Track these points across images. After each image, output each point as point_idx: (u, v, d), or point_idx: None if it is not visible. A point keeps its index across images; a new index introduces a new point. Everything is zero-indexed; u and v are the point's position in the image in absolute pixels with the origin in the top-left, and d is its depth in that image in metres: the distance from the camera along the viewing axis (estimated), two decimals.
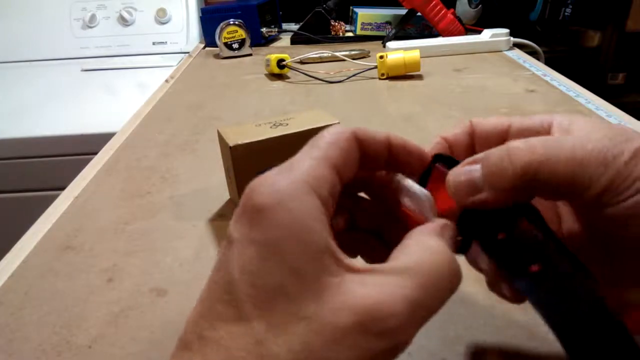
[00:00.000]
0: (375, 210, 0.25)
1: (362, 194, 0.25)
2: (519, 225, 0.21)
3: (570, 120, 0.22)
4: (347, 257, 0.18)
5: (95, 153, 0.58)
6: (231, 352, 0.16)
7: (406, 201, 0.23)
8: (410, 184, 0.22)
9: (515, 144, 0.20)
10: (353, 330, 0.16)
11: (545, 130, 0.23)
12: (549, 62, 0.92)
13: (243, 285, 0.16)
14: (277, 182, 0.18)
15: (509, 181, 0.20)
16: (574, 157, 0.19)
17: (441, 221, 0.21)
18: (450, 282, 0.18)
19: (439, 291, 0.18)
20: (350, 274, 0.17)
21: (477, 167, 0.21)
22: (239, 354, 0.16)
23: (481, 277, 0.34)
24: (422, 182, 0.23)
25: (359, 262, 0.19)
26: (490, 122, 0.25)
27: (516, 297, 0.23)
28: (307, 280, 0.16)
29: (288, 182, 0.18)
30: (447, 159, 0.23)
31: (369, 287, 0.17)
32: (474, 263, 0.24)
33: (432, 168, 0.23)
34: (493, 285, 0.24)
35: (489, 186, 0.20)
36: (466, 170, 0.21)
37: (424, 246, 0.19)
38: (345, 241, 0.23)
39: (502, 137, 0.24)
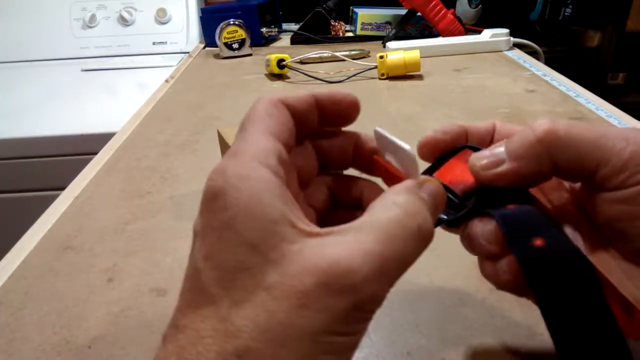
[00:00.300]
0: (356, 185, 0.25)
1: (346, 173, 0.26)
2: (530, 201, 0.22)
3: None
4: (309, 224, 0.18)
5: (95, 153, 0.58)
6: (200, 333, 0.16)
7: (387, 156, 0.23)
8: (394, 138, 0.21)
9: (538, 122, 0.21)
10: (316, 291, 0.16)
11: None
12: (549, 62, 0.92)
13: (207, 270, 0.17)
14: (225, 167, 0.18)
15: (531, 146, 0.21)
16: (596, 129, 0.20)
17: (421, 178, 0.20)
18: (418, 235, 0.18)
19: (403, 243, 0.17)
20: (310, 238, 0.17)
21: (501, 147, 0.22)
22: (206, 333, 0.16)
23: (481, 277, 0.34)
24: (439, 164, 0.24)
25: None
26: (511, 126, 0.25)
27: (511, 275, 0.21)
28: (264, 252, 0.16)
29: (235, 163, 0.18)
30: (473, 147, 0.23)
31: (327, 247, 0.16)
32: (468, 239, 0.23)
33: (454, 153, 0.24)
34: (488, 265, 0.23)
35: (511, 156, 0.21)
36: (490, 149, 0.22)
37: (388, 202, 0.18)
38: (331, 218, 0.24)
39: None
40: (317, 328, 0.16)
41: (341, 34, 1.11)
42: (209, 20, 1.04)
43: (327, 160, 0.24)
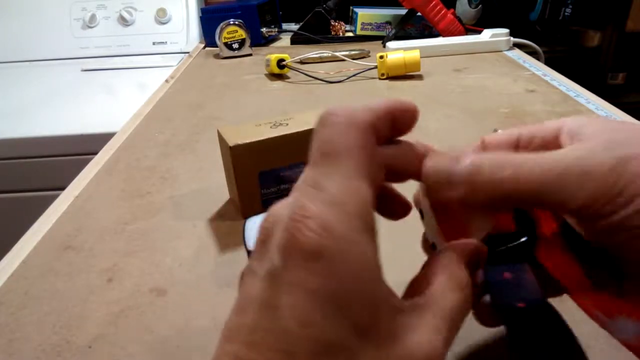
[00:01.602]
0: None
1: None
2: (523, 269, 0.22)
3: (579, 124, 0.20)
4: (394, 296, 0.17)
5: (95, 153, 0.58)
6: None
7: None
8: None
9: (489, 161, 0.19)
10: None
11: (555, 139, 0.21)
12: (549, 62, 0.92)
13: (304, 340, 0.15)
14: (329, 222, 0.15)
15: (482, 195, 0.19)
16: (550, 171, 0.18)
17: (468, 244, 0.20)
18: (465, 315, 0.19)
19: (459, 324, 0.18)
20: (399, 316, 0.17)
21: (467, 161, 0.19)
22: None
23: None
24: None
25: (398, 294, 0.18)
26: (500, 137, 0.23)
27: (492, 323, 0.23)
28: (369, 334, 0.15)
29: (340, 220, 0.15)
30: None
31: (418, 334, 0.17)
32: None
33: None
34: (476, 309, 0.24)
35: (466, 187, 0.19)
36: (450, 161, 0.20)
37: (453, 283, 0.19)
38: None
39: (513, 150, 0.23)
40: None
41: (341, 34, 1.11)
42: (209, 20, 1.05)
43: (394, 171, 0.21)
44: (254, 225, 0.28)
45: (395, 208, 0.23)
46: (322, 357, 0.15)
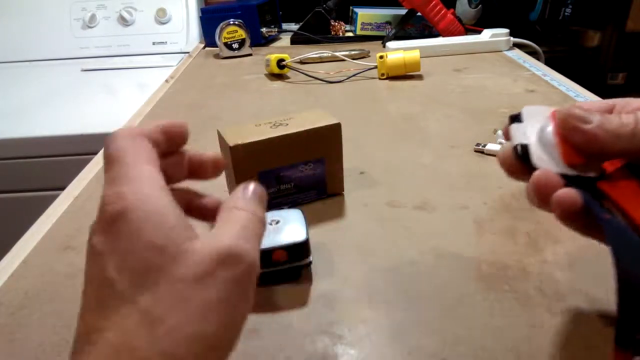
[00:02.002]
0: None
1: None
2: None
3: None
4: (193, 229, 0.22)
5: (95, 153, 0.58)
6: (126, 328, 0.19)
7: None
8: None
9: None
10: (216, 268, 0.20)
11: None
12: (549, 62, 0.92)
13: (121, 278, 0.20)
14: (123, 192, 0.21)
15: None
16: None
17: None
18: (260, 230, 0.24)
19: (258, 234, 0.23)
20: (199, 236, 0.21)
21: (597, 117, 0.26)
22: (132, 327, 0.19)
23: (481, 278, 0.34)
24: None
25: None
26: (598, 104, 0.30)
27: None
28: (171, 251, 0.20)
29: (132, 188, 0.21)
30: None
31: (219, 238, 0.21)
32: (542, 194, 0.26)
33: None
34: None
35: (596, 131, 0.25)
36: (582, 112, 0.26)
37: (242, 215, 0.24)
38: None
39: None
40: (222, 296, 0.20)
41: (341, 34, 1.11)
42: (209, 20, 1.05)
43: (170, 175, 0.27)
44: None
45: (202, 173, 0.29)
46: (142, 282, 0.20)
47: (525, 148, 0.28)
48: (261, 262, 0.24)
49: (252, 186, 0.26)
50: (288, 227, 0.33)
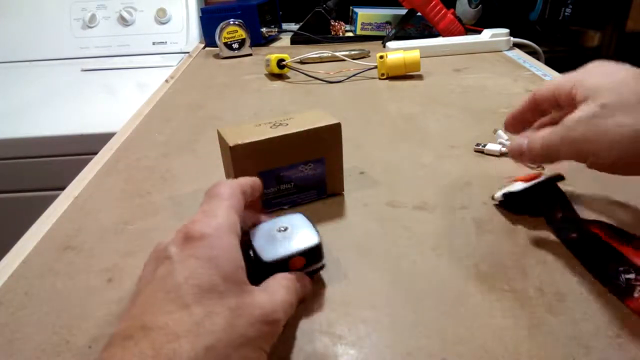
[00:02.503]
0: None
1: None
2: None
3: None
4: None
5: (95, 153, 0.58)
6: (176, 331, 0.22)
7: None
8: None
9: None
10: (260, 319, 0.25)
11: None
12: (549, 62, 0.92)
13: (188, 286, 0.23)
14: (210, 222, 0.27)
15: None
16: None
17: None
18: (295, 303, 0.29)
19: (292, 306, 0.29)
20: (252, 287, 0.26)
21: (524, 141, 0.36)
22: (182, 333, 0.22)
23: (481, 278, 0.34)
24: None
25: None
26: (515, 115, 0.41)
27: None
28: (232, 284, 0.25)
29: (217, 223, 0.27)
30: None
31: (264, 294, 0.27)
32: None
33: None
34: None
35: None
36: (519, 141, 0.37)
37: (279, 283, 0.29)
38: None
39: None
40: (258, 340, 0.25)
41: (341, 34, 1.11)
42: (209, 20, 1.05)
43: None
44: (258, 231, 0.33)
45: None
46: (201, 298, 0.23)
47: (506, 195, 0.41)
48: (281, 271, 0.30)
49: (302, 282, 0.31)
50: (298, 232, 0.32)
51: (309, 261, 0.32)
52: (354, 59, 0.88)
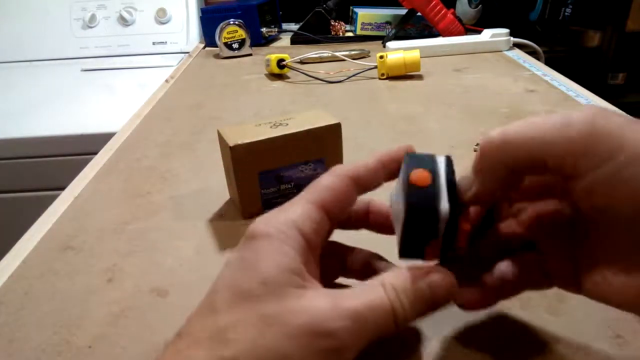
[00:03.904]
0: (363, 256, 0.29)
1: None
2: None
3: None
4: (316, 283, 0.22)
5: (95, 153, 0.58)
6: (196, 339, 0.20)
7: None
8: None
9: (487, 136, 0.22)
10: (304, 330, 0.19)
11: None
12: (549, 62, 0.92)
13: (222, 292, 0.21)
14: (271, 219, 0.22)
15: (481, 159, 0.23)
16: (536, 125, 0.21)
17: (427, 266, 0.23)
18: (383, 322, 0.21)
19: (374, 323, 0.21)
20: (312, 290, 0.21)
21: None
22: (202, 339, 0.20)
23: None
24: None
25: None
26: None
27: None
28: (272, 288, 0.20)
29: (278, 218, 0.22)
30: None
31: (325, 298, 0.20)
32: None
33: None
34: None
35: (474, 173, 0.23)
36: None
37: (372, 290, 0.22)
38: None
39: None
40: (298, 357, 0.19)
41: (341, 34, 1.11)
42: (209, 20, 1.05)
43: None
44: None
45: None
46: (232, 304, 0.20)
47: None
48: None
49: (428, 279, 0.22)
50: None
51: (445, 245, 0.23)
52: (354, 59, 0.88)
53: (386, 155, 0.26)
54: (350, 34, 1.13)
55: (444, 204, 0.22)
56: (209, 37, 1.08)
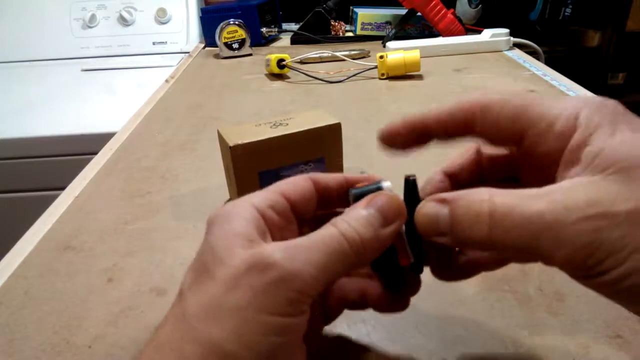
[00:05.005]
0: None
1: None
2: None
3: (596, 125, 0.21)
4: (270, 243, 0.21)
5: (95, 153, 0.58)
6: (167, 330, 0.20)
7: None
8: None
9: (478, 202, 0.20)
10: (244, 272, 0.19)
11: (569, 130, 0.21)
12: (549, 62, 0.92)
13: (186, 277, 0.21)
14: (227, 204, 0.23)
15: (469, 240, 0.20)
16: (530, 225, 0.18)
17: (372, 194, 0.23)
18: (336, 249, 0.20)
19: (324, 252, 0.20)
20: (261, 245, 0.21)
21: (445, 211, 0.21)
22: (168, 322, 0.20)
23: (481, 278, 0.34)
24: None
25: None
26: (461, 163, 0.30)
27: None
28: (219, 253, 0.20)
29: (234, 202, 0.23)
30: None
31: (273, 245, 0.20)
32: None
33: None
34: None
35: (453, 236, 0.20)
36: (435, 209, 0.21)
37: (323, 228, 0.21)
38: None
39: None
40: (245, 304, 0.19)
41: (341, 34, 1.11)
42: (209, 20, 1.05)
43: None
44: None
45: None
46: (192, 283, 0.21)
47: None
48: None
49: (372, 204, 0.22)
50: None
51: None
52: (354, 59, 0.88)
53: (351, 178, 0.27)
54: (350, 34, 1.13)
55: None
56: (209, 37, 1.08)
